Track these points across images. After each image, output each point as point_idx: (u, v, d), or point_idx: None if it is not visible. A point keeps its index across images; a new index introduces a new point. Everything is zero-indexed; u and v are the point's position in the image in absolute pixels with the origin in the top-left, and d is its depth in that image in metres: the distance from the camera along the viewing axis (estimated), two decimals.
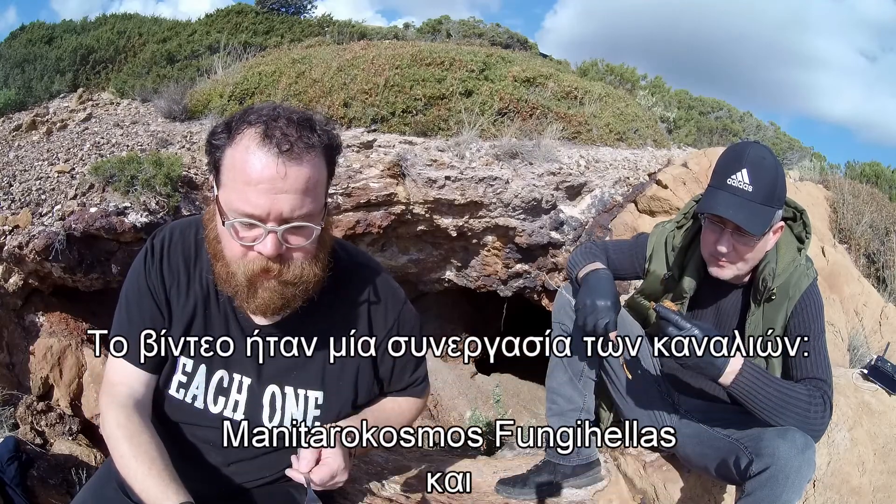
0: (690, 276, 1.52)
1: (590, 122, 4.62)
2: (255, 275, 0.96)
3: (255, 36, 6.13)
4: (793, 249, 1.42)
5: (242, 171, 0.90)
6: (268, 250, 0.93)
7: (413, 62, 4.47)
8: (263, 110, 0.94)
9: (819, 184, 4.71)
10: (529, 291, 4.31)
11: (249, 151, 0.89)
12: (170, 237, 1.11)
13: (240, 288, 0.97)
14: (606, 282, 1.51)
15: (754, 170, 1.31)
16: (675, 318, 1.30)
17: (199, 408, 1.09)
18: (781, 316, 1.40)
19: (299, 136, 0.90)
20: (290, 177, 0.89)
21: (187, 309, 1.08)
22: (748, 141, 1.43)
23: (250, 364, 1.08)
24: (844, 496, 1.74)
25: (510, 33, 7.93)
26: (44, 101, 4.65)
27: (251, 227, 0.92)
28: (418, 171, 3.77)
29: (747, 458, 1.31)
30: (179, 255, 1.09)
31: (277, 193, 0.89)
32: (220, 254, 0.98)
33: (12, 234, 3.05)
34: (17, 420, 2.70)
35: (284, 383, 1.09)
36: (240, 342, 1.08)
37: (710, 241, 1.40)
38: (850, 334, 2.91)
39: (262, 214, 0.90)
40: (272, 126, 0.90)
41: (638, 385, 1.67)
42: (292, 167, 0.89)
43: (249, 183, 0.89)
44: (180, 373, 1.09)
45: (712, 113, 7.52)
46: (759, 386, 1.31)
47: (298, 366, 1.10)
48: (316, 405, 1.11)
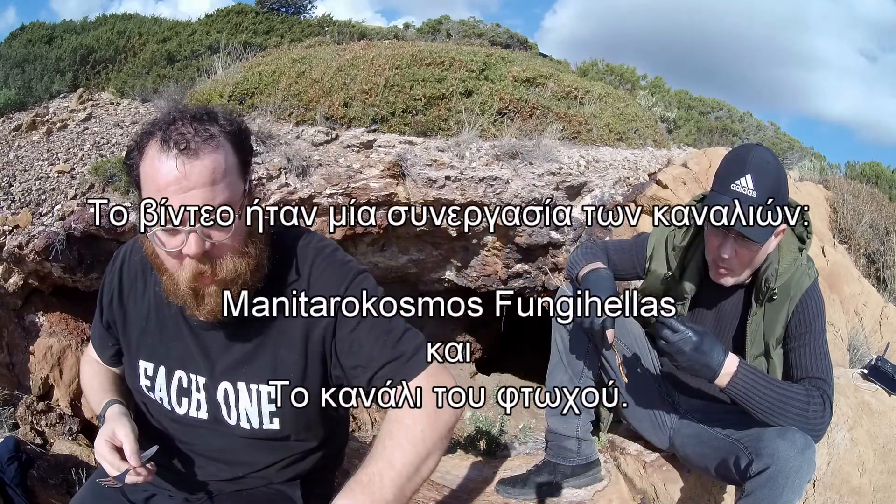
0: (690, 278, 1.53)
1: (590, 122, 4.61)
2: (192, 280, 0.95)
3: (255, 36, 6.13)
4: (794, 249, 1.42)
5: (152, 180, 0.91)
6: (192, 249, 0.92)
7: (413, 62, 4.46)
8: (162, 119, 0.95)
9: (819, 184, 4.71)
10: (529, 291, 4.31)
11: (154, 161, 0.91)
12: (131, 246, 1.16)
13: (186, 298, 0.98)
14: (607, 280, 1.52)
15: (758, 175, 1.31)
16: (671, 322, 1.32)
17: (168, 409, 1.10)
18: (783, 316, 1.40)
19: (196, 132, 0.92)
20: (194, 172, 0.90)
21: (142, 313, 1.11)
22: (750, 144, 1.42)
23: (202, 363, 1.07)
24: (844, 496, 1.74)
25: (510, 33, 7.92)
26: (44, 101, 4.64)
27: (173, 233, 0.92)
28: (418, 171, 3.77)
29: (747, 458, 1.31)
30: (138, 264, 1.13)
31: (186, 192, 0.90)
32: (161, 267, 0.99)
33: (12, 234, 3.05)
34: (17, 420, 2.70)
35: (236, 379, 1.06)
36: (190, 341, 1.08)
37: (714, 245, 1.40)
38: (850, 334, 2.90)
39: (181, 216, 0.91)
40: (169, 130, 0.92)
41: (637, 385, 1.67)
42: (194, 163, 0.90)
43: (159, 190, 0.90)
44: (143, 377, 1.11)
45: (712, 113, 7.52)
46: (755, 387, 1.31)
47: (247, 360, 1.07)
48: (269, 399, 1.06)
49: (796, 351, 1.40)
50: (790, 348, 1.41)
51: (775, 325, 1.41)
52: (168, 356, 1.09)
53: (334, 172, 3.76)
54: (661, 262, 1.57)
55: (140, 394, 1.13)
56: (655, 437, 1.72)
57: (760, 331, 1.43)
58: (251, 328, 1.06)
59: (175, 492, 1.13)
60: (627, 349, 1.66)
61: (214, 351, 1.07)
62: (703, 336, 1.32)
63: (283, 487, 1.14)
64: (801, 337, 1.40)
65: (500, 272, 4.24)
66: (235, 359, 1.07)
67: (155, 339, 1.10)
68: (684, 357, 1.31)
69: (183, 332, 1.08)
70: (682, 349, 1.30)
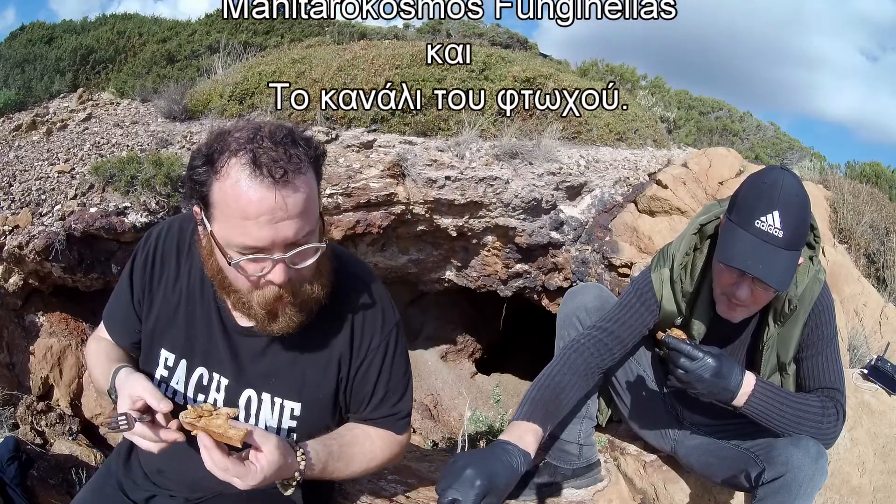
0: (700, 316, 1.43)
1: (590, 122, 4.62)
2: (270, 303, 0.94)
3: (255, 36, 6.13)
4: (806, 259, 1.33)
5: (238, 206, 0.85)
6: (279, 279, 0.91)
7: (413, 62, 4.47)
8: (242, 135, 0.88)
9: (819, 184, 4.71)
10: (529, 291, 4.31)
11: (241, 184, 0.85)
12: (167, 230, 1.12)
13: (259, 316, 0.96)
14: (503, 461, 1.20)
15: (787, 211, 1.17)
16: (687, 349, 1.24)
17: (180, 403, 1.08)
18: (797, 332, 1.35)
19: (288, 158, 0.86)
20: (290, 204, 0.86)
21: (172, 302, 1.08)
22: (778, 171, 1.22)
23: (229, 365, 1.06)
24: (844, 496, 1.75)
25: (510, 33, 7.91)
26: (44, 101, 4.64)
27: (256, 261, 0.90)
28: (418, 171, 3.77)
29: (759, 466, 1.28)
30: (173, 249, 1.10)
31: (279, 222, 0.86)
32: (228, 286, 0.96)
33: (12, 234, 3.05)
34: (17, 420, 2.70)
35: (262, 389, 1.06)
36: (221, 341, 1.07)
37: (726, 282, 1.28)
38: (850, 334, 2.90)
39: (266, 246, 0.88)
40: (258, 153, 0.85)
41: (641, 401, 1.65)
42: (290, 194, 0.86)
43: (248, 217, 0.85)
44: (162, 367, 1.09)
45: (712, 113, 7.52)
46: (771, 404, 1.28)
47: (278, 373, 1.07)
48: (292, 416, 1.08)
49: (809, 360, 1.36)
50: (803, 357, 1.37)
51: (790, 343, 1.35)
52: (192, 351, 1.08)
53: (334, 172, 3.76)
54: (670, 303, 1.45)
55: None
56: (658, 445, 1.72)
57: (775, 349, 1.38)
58: (289, 343, 1.06)
59: (176, 491, 1.13)
60: (630, 371, 1.64)
61: (246, 356, 1.07)
62: (722, 359, 1.24)
63: None
64: (815, 346, 1.35)
65: (500, 272, 4.24)
66: (267, 369, 1.07)
67: (181, 330, 1.08)
68: (704, 384, 1.23)
69: (214, 329, 1.07)
70: (703, 376, 1.22)
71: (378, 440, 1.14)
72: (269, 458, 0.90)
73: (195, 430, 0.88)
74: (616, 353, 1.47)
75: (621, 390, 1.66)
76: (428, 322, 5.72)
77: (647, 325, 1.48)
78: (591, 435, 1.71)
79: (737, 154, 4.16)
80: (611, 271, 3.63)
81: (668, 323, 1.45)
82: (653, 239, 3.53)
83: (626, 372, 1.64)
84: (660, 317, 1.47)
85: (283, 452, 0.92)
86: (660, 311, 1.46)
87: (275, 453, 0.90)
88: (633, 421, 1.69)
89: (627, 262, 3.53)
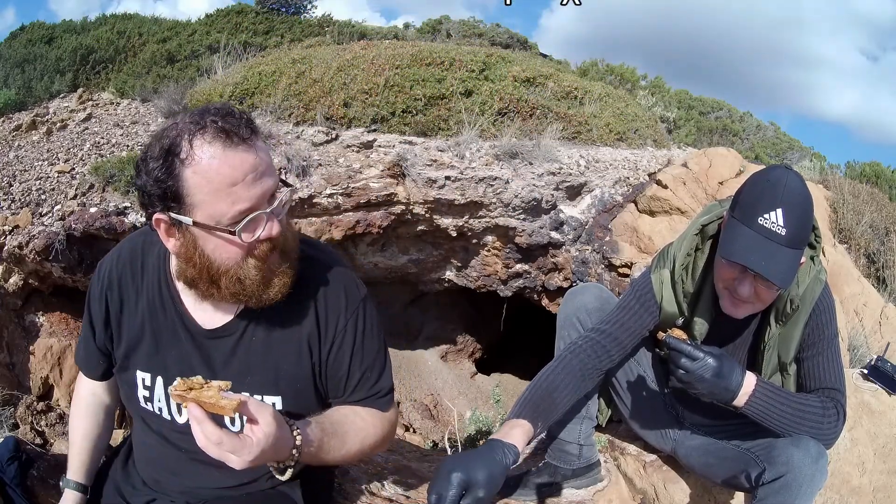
0: (702, 314, 1.43)
1: (590, 122, 4.61)
2: (265, 263, 0.96)
3: (255, 36, 6.13)
4: (807, 259, 1.32)
5: (223, 176, 0.88)
6: (276, 230, 0.95)
7: (413, 62, 4.46)
8: (190, 119, 0.91)
9: (819, 184, 4.71)
10: (529, 291, 4.31)
11: (220, 156, 0.88)
12: (117, 257, 1.12)
13: (252, 288, 0.97)
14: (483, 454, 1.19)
15: (790, 209, 1.17)
16: (688, 349, 1.24)
17: (168, 419, 1.08)
18: (798, 332, 1.35)
19: (242, 122, 0.91)
20: (263, 158, 0.92)
21: (136, 323, 1.08)
22: (781, 169, 1.22)
23: (203, 371, 1.05)
24: (844, 496, 1.75)
25: (510, 33, 7.92)
26: (44, 101, 4.64)
27: (254, 221, 0.93)
28: (418, 171, 3.77)
29: (759, 466, 1.28)
30: (127, 273, 1.10)
31: (261, 178, 0.91)
32: (218, 273, 0.95)
33: (12, 234, 3.05)
34: (17, 420, 2.70)
35: (239, 389, 1.03)
36: (191, 349, 1.06)
37: (728, 277, 1.28)
38: (850, 334, 2.91)
39: (259, 202, 0.92)
40: (219, 125, 0.89)
41: (642, 399, 1.65)
42: (260, 149, 0.92)
43: (236, 182, 0.89)
44: (141, 387, 1.09)
45: (712, 113, 7.53)
46: (772, 404, 1.28)
47: (251, 370, 1.06)
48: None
49: (810, 360, 1.36)
50: (804, 357, 1.37)
51: (791, 343, 1.35)
52: (165, 366, 1.07)
53: (334, 172, 3.76)
54: (671, 304, 1.44)
55: (138, 407, 1.11)
56: (658, 445, 1.72)
57: (776, 349, 1.37)
58: (257, 338, 1.06)
59: (176, 496, 1.13)
60: (631, 372, 1.64)
61: (217, 360, 1.06)
62: (723, 360, 1.24)
63: (284, 487, 1.13)
64: (815, 346, 1.35)
65: (500, 272, 4.24)
66: (240, 368, 1.06)
67: (151, 348, 1.08)
68: (705, 384, 1.23)
69: (182, 339, 1.06)
70: (703, 376, 1.22)
71: (368, 416, 1.12)
72: (266, 429, 0.86)
73: (185, 402, 0.84)
74: (615, 355, 1.47)
75: (622, 390, 1.66)
76: (428, 322, 5.73)
77: (646, 328, 1.48)
78: (591, 435, 1.71)
79: (737, 154, 4.16)
80: (611, 271, 3.63)
81: (668, 324, 1.44)
82: (653, 239, 3.54)
83: (627, 372, 1.64)
84: (660, 318, 1.47)
85: (279, 424, 0.90)
86: (660, 313, 1.46)
87: (272, 424, 0.87)
88: (634, 421, 1.69)
89: (627, 262, 3.53)
